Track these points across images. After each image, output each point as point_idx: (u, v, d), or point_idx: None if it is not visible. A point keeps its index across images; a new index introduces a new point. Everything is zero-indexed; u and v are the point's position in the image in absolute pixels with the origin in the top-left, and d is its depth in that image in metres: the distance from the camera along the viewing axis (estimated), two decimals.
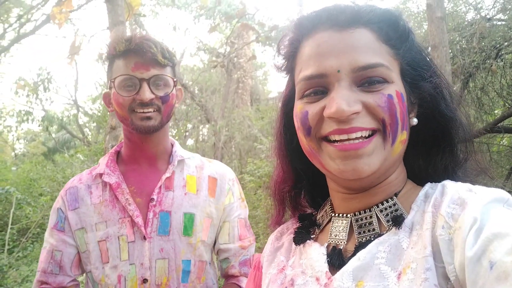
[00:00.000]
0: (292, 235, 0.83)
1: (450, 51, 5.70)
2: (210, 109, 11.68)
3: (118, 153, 1.47)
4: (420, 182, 0.74)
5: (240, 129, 11.26)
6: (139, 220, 1.30)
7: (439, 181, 0.70)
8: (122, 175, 1.38)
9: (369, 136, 0.66)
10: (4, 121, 15.52)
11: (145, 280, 1.27)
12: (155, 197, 1.34)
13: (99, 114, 14.88)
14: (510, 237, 0.51)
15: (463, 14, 6.39)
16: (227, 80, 11.75)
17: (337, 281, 0.66)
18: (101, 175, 1.39)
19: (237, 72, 11.27)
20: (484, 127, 6.54)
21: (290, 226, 0.88)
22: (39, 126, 14.52)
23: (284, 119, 0.82)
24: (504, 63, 5.80)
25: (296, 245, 0.81)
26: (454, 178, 0.71)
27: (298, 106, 0.71)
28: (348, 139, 0.65)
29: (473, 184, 0.66)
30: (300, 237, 0.80)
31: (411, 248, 0.63)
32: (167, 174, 1.38)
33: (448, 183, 0.68)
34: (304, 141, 0.72)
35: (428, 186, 0.71)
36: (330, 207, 0.80)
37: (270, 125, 13.45)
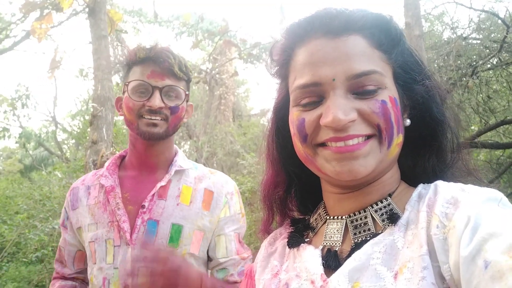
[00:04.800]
0: (286, 240, 0.82)
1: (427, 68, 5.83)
2: (192, 125, 11.64)
3: (123, 158, 1.49)
4: (412, 183, 0.75)
5: (222, 145, 11.23)
6: (125, 226, 1.30)
7: (430, 182, 0.71)
8: (119, 179, 1.39)
9: (366, 139, 0.67)
10: None
11: (127, 286, 1.26)
12: (146, 204, 1.34)
13: (79, 130, 14.66)
14: (505, 236, 0.51)
15: (439, 33, 6.59)
16: (209, 96, 11.77)
17: (332, 283, 0.65)
18: (100, 176, 1.42)
19: (220, 89, 11.31)
20: (461, 143, 6.67)
21: (283, 231, 0.88)
22: (16, 143, 14.19)
23: (277, 124, 0.82)
24: (479, 80, 5.98)
25: (290, 248, 0.80)
26: (443, 179, 0.72)
27: (294, 113, 0.72)
28: (345, 145, 0.66)
29: (465, 183, 0.67)
30: (294, 241, 0.80)
31: (407, 248, 0.63)
32: (162, 183, 1.38)
33: (440, 183, 0.69)
34: (300, 148, 0.72)
35: (421, 187, 0.71)
36: (324, 210, 0.79)
37: (252, 141, 13.47)
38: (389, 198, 0.71)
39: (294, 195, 0.87)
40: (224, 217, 1.42)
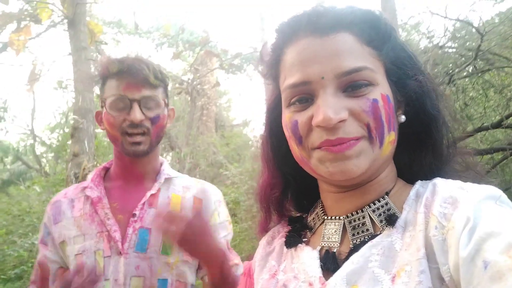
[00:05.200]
0: (283, 239, 0.82)
1: None
2: (174, 137, 11.57)
3: (107, 170, 1.48)
4: (409, 180, 0.74)
5: (205, 156, 11.17)
6: (117, 235, 1.28)
7: (428, 179, 0.71)
8: (105, 190, 1.38)
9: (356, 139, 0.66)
10: None
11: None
12: (137, 212, 1.32)
13: (58, 143, 14.40)
14: (504, 236, 0.51)
15: (416, 42, 6.73)
16: (191, 107, 11.73)
17: (330, 286, 0.65)
18: (85, 188, 1.39)
19: (201, 99, 11.29)
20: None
21: (281, 229, 0.87)
22: None
23: (270, 126, 0.82)
24: (456, 88, 6.12)
25: (287, 248, 0.79)
26: (441, 175, 0.71)
27: (287, 115, 0.71)
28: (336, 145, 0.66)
29: (463, 180, 0.66)
30: (292, 241, 0.79)
31: (405, 250, 0.62)
32: (152, 191, 1.38)
33: (438, 181, 0.68)
34: (296, 150, 0.72)
35: (418, 184, 0.71)
36: (322, 210, 0.79)
37: (236, 151, 13.44)
38: (386, 197, 0.71)
39: (290, 196, 0.87)
40: (214, 224, 1.43)
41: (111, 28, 12.23)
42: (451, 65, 5.80)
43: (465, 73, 6.42)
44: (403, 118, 0.72)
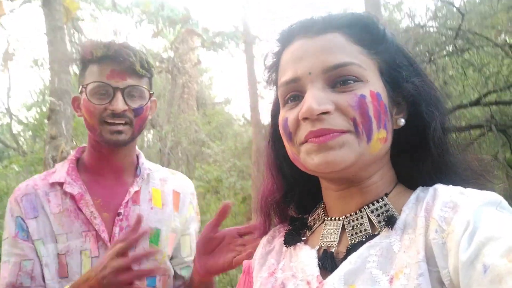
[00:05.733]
0: (283, 238, 0.82)
1: None
2: (155, 115, 11.45)
3: (77, 160, 1.38)
4: (411, 186, 0.75)
5: (186, 134, 11.12)
6: (105, 236, 1.24)
7: (429, 185, 0.71)
8: (84, 185, 1.30)
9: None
10: None
11: None
12: (122, 211, 1.29)
13: (35, 122, 14.09)
14: (503, 240, 0.51)
15: (398, 21, 6.74)
16: (172, 85, 11.57)
17: (328, 285, 0.65)
18: (60, 183, 1.30)
19: (182, 77, 11.14)
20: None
21: (281, 229, 0.87)
22: None
23: (273, 130, 0.82)
24: (436, 67, 6.18)
25: (286, 246, 0.80)
26: (442, 181, 0.71)
27: (281, 114, 0.73)
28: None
29: (465, 187, 0.66)
30: (291, 239, 0.80)
31: (403, 252, 0.63)
32: (136, 188, 1.33)
33: (439, 186, 0.68)
34: (288, 147, 0.73)
35: (419, 189, 0.71)
36: (323, 210, 0.80)
37: (218, 129, 13.41)
38: (385, 198, 0.71)
39: (292, 199, 0.87)
40: (189, 217, 1.43)
41: (88, 3, 11.83)
42: (431, 44, 5.83)
43: (445, 52, 6.48)
44: (402, 121, 0.72)
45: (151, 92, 1.33)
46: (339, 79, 0.67)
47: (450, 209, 0.61)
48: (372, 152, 0.68)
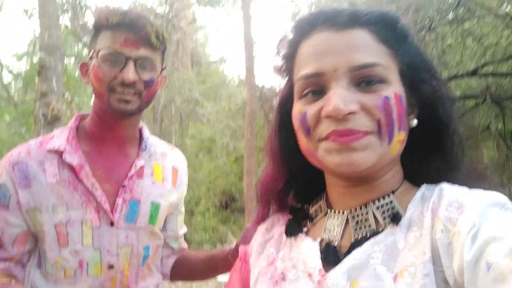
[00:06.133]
0: (283, 227, 0.82)
1: None
2: None
3: (78, 128, 1.34)
4: (415, 183, 0.75)
5: (180, 93, 11.00)
6: (107, 206, 1.24)
7: (434, 183, 0.72)
8: (84, 155, 1.28)
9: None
10: None
11: (111, 267, 1.24)
12: (126, 183, 1.28)
13: (26, 73, 13.82)
14: (507, 240, 0.52)
15: None
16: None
17: (331, 279, 0.66)
18: (58, 152, 1.27)
19: (177, 34, 10.86)
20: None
21: (280, 218, 0.87)
22: None
23: (281, 119, 0.81)
24: (436, 35, 6.09)
25: (288, 236, 0.80)
26: (448, 181, 0.72)
27: (297, 107, 0.71)
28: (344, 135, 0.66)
29: (469, 188, 0.67)
30: (293, 229, 0.79)
31: (408, 250, 0.63)
32: (142, 162, 1.32)
33: (445, 186, 0.69)
34: (304, 141, 0.71)
35: (424, 187, 0.71)
36: (325, 203, 0.79)
37: (212, 89, 13.25)
38: (391, 195, 0.71)
39: (293, 188, 0.86)
40: (183, 194, 1.46)
41: None
42: (432, 11, 5.70)
43: (445, 21, 6.35)
44: (415, 122, 0.71)
45: (163, 66, 1.30)
46: (364, 79, 0.66)
47: (456, 209, 0.62)
48: (391, 154, 0.68)
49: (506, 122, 7.68)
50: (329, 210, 0.78)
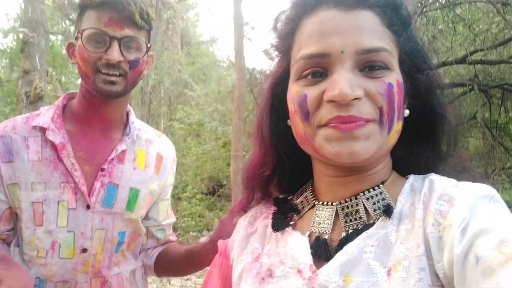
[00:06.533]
0: (268, 220, 0.79)
1: None
2: None
3: (65, 107, 1.35)
4: (402, 173, 0.74)
5: (169, 74, 10.86)
6: (85, 189, 1.23)
7: (421, 174, 0.72)
8: (67, 135, 1.27)
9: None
10: None
11: (84, 250, 1.24)
12: (106, 167, 1.28)
13: (12, 49, 13.54)
14: (496, 232, 0.52)
15: None
16: (155, 20, 11.14)
17: (323, 275, 0.63)
18: (42, 129, 1.26)
19: (167, 12, 10.65)
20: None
21: (263, 210, 0.84)
22: None
23: (272, 101, 0.77)
24: (427, 19, 6.06)
25: (274, 231, 0.76)
26: (435, 172, 0.72)
27: (295, 89, 0.67)
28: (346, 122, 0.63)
29: (456, 178, 0.67)
30: (279, 223, 0.76)
31: (400, 243, 0.62)
32: (123, 147, 1.31)
33: (435, 178, 0.68)
34: (300, 126, 0.68)
35: (412, 178, 0.71)
36: (312, 194, 0.77)
37: (202, 71, 13.10)
38: (381, 186, 0.70)
39: (278, 176, 0.83)
40: (168, 183, 1.44)
41: None
42: None
43: (437, 5, 6.32)
44: (407, 112, 0.70)
45: (148, 45, 1.29)
46: (368, 64, 0.64)
47: (446, 202, 0.61)
48: (389, 143, 0.67)
49: (492, 112, 7.74)
50: (316, 201, 0.75)
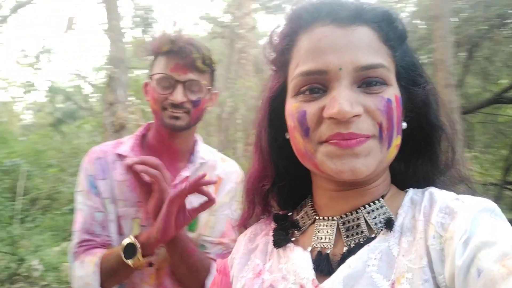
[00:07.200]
0: (268, 237, 0.80)
1: (457, 19, 5.52)
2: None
3: (143, 136, 1.54)
4: (400, 185, 0.74)
5: (244, 100, 11.14)
6: None
7: (420, 187, 0.71)
8: None
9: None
10: (6, 91, 15.64)
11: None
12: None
13: (104, 85, 14.83)
14: (498, 246, 0.52)
15: None
16: (229, 50, 11.57)
17: None
18: (124, 156, 1.44)
19: (239, 42, 11.05)
20: (489, 98, 6.42)
21: (264, 227, 0.84)
22: (45, 97, 14.58)
23: (270, 115, 0.78)
24: (510, 31, 5.62)
25: (276, 248, 0.76)
26: (434, 185, 0.71)
27: (294, 105, 0.68)
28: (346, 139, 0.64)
29: (454, 190, 0.67)
30: (281, 240, 0.76)
31: (402, 256, 0.62)
32: (187, 173, 1.45)
33: (435, 191, 0.68)
34: (300, 142, 0.68)
35: (411, 192, 0.71)
36: (312, 209, 0.76)
37: None
38: (381, 200, 0.70)
39: (277, 191, 0.84)
40: (222, 202, 1.48)
41: None
42: (504, 7, 5.27)
43: None
44: (404, 125, 0.69)
45: (210, 87, 1.46)
46: (365, 80, 0.64)
47: (447, 215, 0.61)
48: (388, 158, 0.67)
49: None
50: (316, 216, 0.74)
